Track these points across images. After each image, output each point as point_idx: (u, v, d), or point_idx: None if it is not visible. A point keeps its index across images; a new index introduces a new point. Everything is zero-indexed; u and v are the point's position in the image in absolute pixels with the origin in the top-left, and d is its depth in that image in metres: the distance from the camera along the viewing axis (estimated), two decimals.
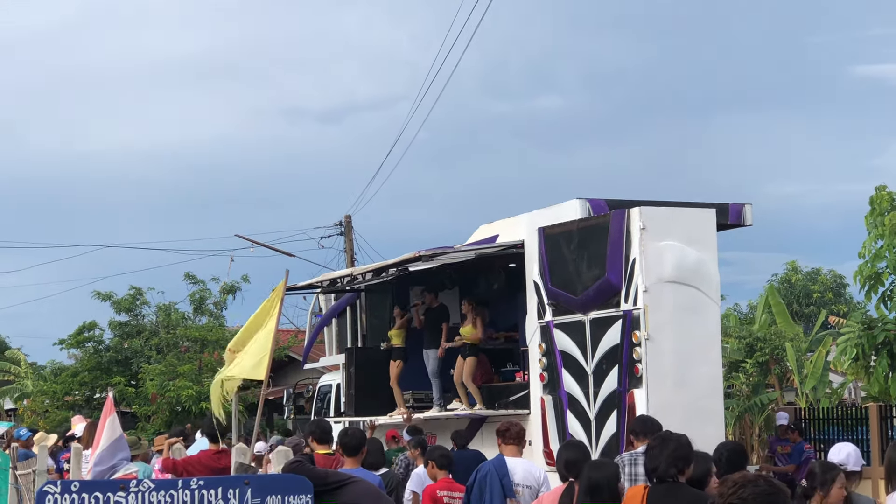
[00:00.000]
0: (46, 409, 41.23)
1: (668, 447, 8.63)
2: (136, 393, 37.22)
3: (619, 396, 15.68)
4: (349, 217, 41.11)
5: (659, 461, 8.60)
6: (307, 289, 23.75)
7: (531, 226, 17.65)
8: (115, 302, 39.34)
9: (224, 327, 39.14)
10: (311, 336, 26.44)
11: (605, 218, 16.25)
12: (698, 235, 16.01)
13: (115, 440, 14.03)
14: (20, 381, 50.43)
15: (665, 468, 8.57)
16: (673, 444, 8.65)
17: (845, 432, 21.52)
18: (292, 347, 38.14)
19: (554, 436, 16.83)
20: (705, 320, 15.88)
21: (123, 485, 6.84)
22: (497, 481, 11.55)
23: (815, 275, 51.56)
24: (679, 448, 8.63)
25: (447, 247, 19.21)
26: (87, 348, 40.20)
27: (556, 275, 16.92)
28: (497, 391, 19.46)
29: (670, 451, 8.60)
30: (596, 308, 16.23)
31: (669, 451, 8.61)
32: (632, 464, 11.22)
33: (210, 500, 6.97)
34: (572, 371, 16.57)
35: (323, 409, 24.86)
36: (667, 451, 8.60)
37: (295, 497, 7.25)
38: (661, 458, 8.59)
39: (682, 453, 8.61)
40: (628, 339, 15.65)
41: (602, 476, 9.06)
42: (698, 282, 15.81)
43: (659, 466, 8.59)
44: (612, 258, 15.89)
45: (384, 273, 20.17)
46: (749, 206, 18.05)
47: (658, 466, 8.60)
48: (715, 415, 15.74)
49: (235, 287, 39.71)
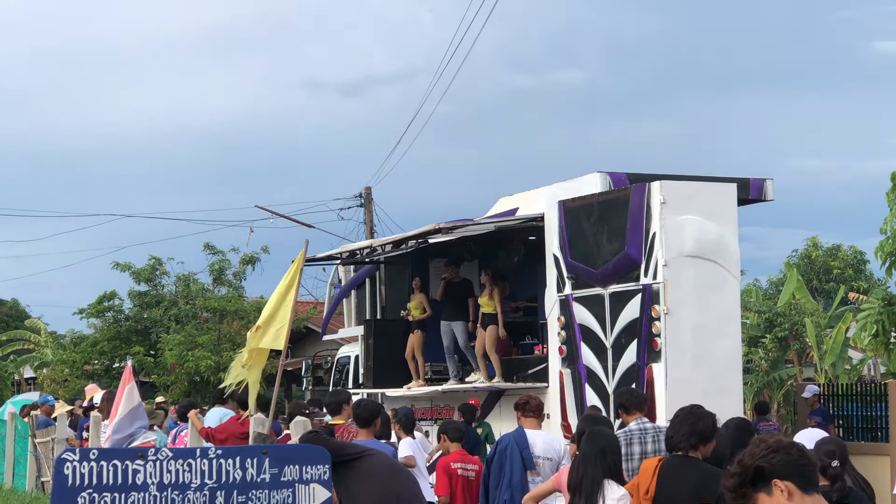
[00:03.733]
0: (66, 378, 41.38)
1: (689, 420, 8.60)
2: (154, 363, 37.31)
3: (637, 370, 15.66)
4: (369, 189, 41.06)
5: (677, 431, 8.58)
6: (326, 260, 23.74)
7: (551, 199, 17.61)
8: (134, 272, 39.39)
9: (243, 298, 39.16)
10: (330, 307, 26.45)
11: (625, 192, 16.21)
12: (719, 210, 15.97)
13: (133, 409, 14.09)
14: (40, 349, 50.61)
15: (679, 440, 8.55)
16: (694, 418, 8.61)
17: (864, 409, 21.45)
18: (311, 319, 38.17)
19: (572, 409, 16.82)
20: (725, 295, 15.84)
21: (142, 453, 6.85)
22: (517, 454, 11.53)
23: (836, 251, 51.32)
24: (699, 423, 8.58)
25: (467, 219, 19.18)
26: (107, 318, 40.29)
27: (576, 248, 16.89)
28: (515, 364, 19.45)
29: (690, 425, 8.57)
30: (615, 282, 16.20)
31: (689, 424, 8.57)
32: (627, 443, 11.06)
33: (228, 469, 6.99)
34: (591, 345, 16.56)
35: (341, 381, 24.89)
36: (687, 424, 8.57)
37: (313, 467, 7.26)
38: (680, 431, 8.57)
39: (700, 428, 8.56)
40: (647, 314, 15.62)
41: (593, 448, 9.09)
42: (718, 256, 15.78)
43: (674, 436, 8.58)
44: (632, 232, 15.86)
45: (403, 245, 20.15)
46: (770, 182, 17.99)
47: (674, 436, 8.58)
48: (733, 390, 15.73)
49: (255, 258, 39.70)
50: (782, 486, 4.59)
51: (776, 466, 4.62)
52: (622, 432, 11.17)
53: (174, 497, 6.83)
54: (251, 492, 7.03)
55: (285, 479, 7.14)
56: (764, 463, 4.62)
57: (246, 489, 7.01)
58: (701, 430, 8.56)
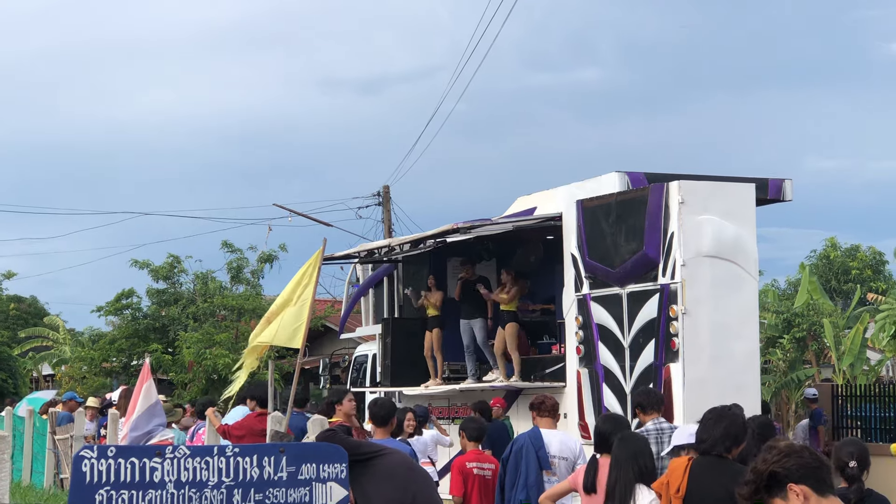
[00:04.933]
0: (84, 376, 41.49)
1: (722, 423, 8.48)
2: (172, 360, 37.35)
3: (655, 370, 15.64)
4: (387, 187, 41.08)
5: (709, 435, 8.48)
6: (345, 259, 23.76)
7: (569, 198, 17.59)
8: (152, 270, 39.46)
9: (261, 296, 39.18)
10: (347, 306, 26.46)
11: (643, 191, 16.19)
12: (737, 210, 15.93)
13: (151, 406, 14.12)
14: (58, 347, 50.77)
15: (713, 443, 8.44)
16: (727, 421, 8.50)
17: (882, 410, 21.40)
18: (329, 317, 38.18)
19: (589, 409, 16.81)
20: (743, 295, 15.81)
21: (159, 451, 6.87)
22: (533, 453, 11.53)
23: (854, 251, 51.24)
24: (732, 426, 8.48)
25: (485, 219, 19.17)
26: (125, 315, 40.36)
27: (594, 248, 16.88)
28: (533, 363, 19.44)
29: (724, 428, 8.46)
30: (633, 281, 16.18)
31: (723, 427, 8.46)
32: None
33: (245, 467, 6.99)
34: (609, 344, 16.54)
35: (359, 380, 24.90)
36: (720, 427, 8.45)
37: (329, 465, 7.26)
38: (713, 433, 8.47)
39: (734, 431, 8.44)
40: (665, 313, 15.60)
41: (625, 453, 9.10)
42: (736, 256, 15.74)
43: (708, 440, 8.47)
44: (650, 232, 15.83)
45: (421, 244, 20.15)
46: (789, 182, 17.95)
47: (707, 439, 8.48)
48: (751, 390, 15.67)
49: (273, 256, 39.73)
50: (798, 490, 4.58)
51: (790, 470, 4.60)
52: (638, 432, 11.13)
53: (191, 495, 6.84)
54: (268, 490, 7.04)
55: (302, 477, 7.15)
56: (778, 468, 4.60)
57: (263, 487, 7.02)
58: (735, 434, 8.45)
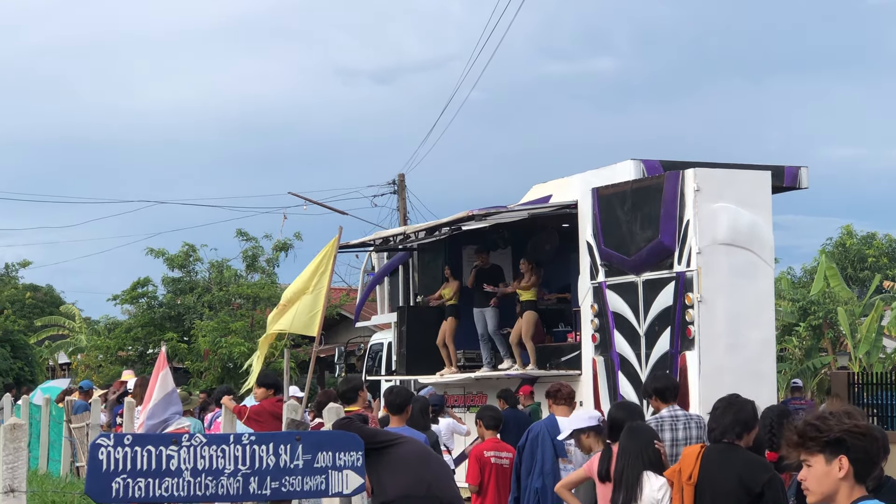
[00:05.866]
0: (100, 364, 41.58)
1: (731, 410, 8.54)
2: (188, 349, 37.42)
3: (671, 358, 15.62)
4: (402, 176, 41.08)
5: (720, 423, 8.53)
6: (360, 247, 23.75)
7: (585, 186, 17.57)
8: (168, 258, 39.51)
9: (276, 285, 39.20)
10: (363, 294, 26.47)
11: (659, 179, 16.16)
12: (753, 198, 15.89)
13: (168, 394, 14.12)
14: (74, 335, 50.88)
15: (724, 430, 8.49)
16: (736, 408, 8.56)
17: None
18: (344, 305, 38.22)
19: (605, 397, 16.79)
20: (759, 283, 15.78)
21: (175, 439, 6.88)
22: (549, 441, 11.52)
23: (871, 239, 51.08)
24: (742, 412, 8.53)
25: (500, 206, 19.14)
26: (141, 304, 40.43)
27: (610, 235, 16.85)
28: (549, 352, 19.43)
29: (733, 414, 8.51)
30: (649, 269, 16.16)
31: (732, 413, 8.51)
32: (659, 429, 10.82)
33: (261, 455, 7.00)
34: (624, 332, 16.52)
35: (374, 368, 24.92)
36: (729, 415, 8.51)
37: (346, 454, 7.27)
38: (722, 422, 8.52)
39: (743, 417, 8.50)
40: (681, 301, 15.58)
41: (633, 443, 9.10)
42: (752, 244, 15.71)
43: (717, 428, 8.53)
44: (665, 219, 15.80)
45: (437, 232, 20.13)
46: (805, 169, 17.90)
47: (717, 427, 8.53)
48: (767, 378, 15.65)
49: (288, 244, 39.77)
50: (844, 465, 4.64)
51: (854, 447, 4.65)
52: (654, 418, 11.02)
53: (208, 482, 6.85)
54: (284, 478, 7.05)
55: (318, 465, 7.16)
56: (847, 437, 4.64)
57: (279, 475, 7.03)
58: (744, 420, 8.52)
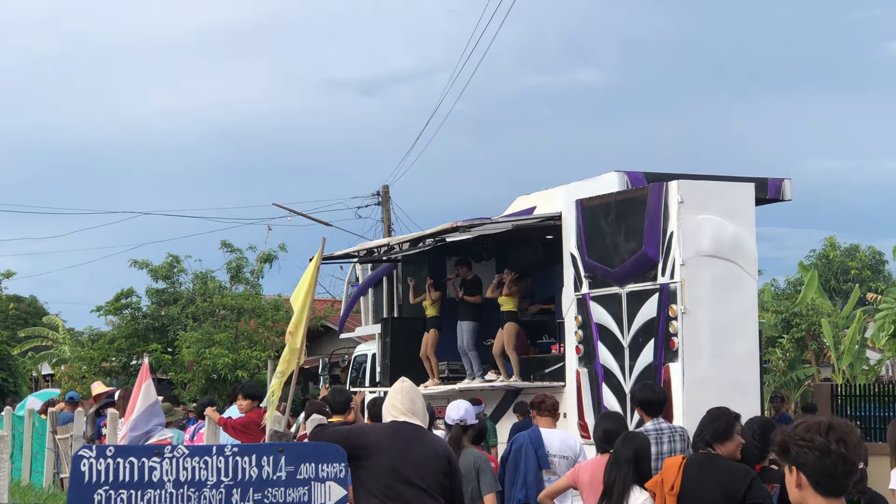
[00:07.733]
0: (83, 375, 41.40)
1: (704, 419, 8.80)
2: (172, 360, 37.33)
3: (654, 370, 15.64)
4: (387, 187, 41.10)
5: (698, 432, 8.73)
6: (344, 258, 23.76)
7: (569, 198, 17.59)
8: (152, 269, 39.43)
9: (260, 296, 39.16)
10: (347, 306, 26.46)
11: (643, 191, 16.18)
12: (736, 209, 15.93)
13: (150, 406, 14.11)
14: (58, 346, 50.76)
15: (696, 440, 8.72)
16: (710, 418, 8.77)
17: (882, 409, 21.39)
18: (328, 317, 38.17)
19: (589, 408, 16.81)
20: (742, 295, 15.81)
21: (158, 450, 6.86)
22: (532, 453, 11.54)
23: (854, 251, 51.25)
24: (713, 422, 8.71)
25: (484, 218, 19.16)
26: (125, 315, 40.32)
27: (594, 247, 16.87)
28: (533, 363, 19.43)
29: (703, 423, 8.73)
30: (633, 281, 16.18)
31: (703, 423, 8.75)
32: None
33: (244, 466, 6.99)
34: (608, 344, 16.54)
35: (358, 379, 24.89)
36: (702, 424, 8.77)
37: (329, 465, 7.26)
38: (701, 430, 8.71)
39: (714, 427, 8.69)
40: (665, 313, 15.60)
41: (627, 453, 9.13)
42: (736, 256, 15.74)
43: (693, 438, 8.76)
44: (649, 231, 15.83)
45: (421, 243, 20.14)
46: (788, 181, 17.94)
47: (693, 437, 8.76)
48: (751, 390, 15.67)
49: (272, 256, 39.70)
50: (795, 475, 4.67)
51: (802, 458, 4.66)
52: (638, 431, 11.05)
53: (190, 494, 6.84)
54: (267, 490, 7.03)
55: (301, 477, 7.14)
56: (793, 448, 4.67)
57: (262, 487, 7.02)
58: (714, 429, 8.73)
